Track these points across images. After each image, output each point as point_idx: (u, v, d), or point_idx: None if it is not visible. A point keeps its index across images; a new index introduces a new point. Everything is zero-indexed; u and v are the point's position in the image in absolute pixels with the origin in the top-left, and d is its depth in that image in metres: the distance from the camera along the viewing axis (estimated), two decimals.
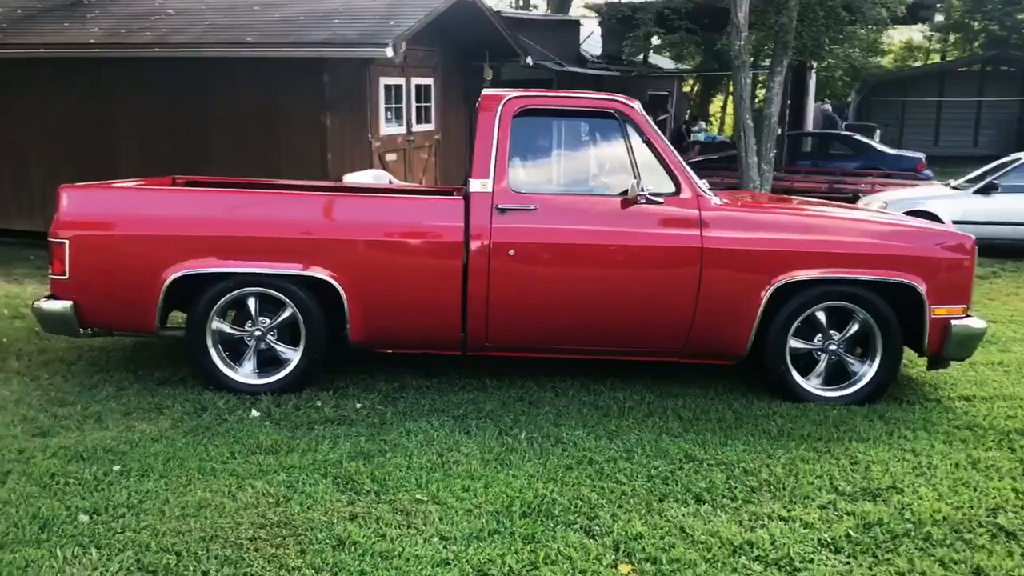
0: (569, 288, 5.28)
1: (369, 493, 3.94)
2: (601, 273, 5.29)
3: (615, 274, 5.29)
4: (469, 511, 3.79)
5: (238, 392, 5.29)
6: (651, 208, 5.27)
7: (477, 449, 4.48)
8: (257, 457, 4.31)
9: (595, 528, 3.69)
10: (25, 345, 6.30)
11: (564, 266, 5.29)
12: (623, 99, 5.49)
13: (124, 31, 11.25)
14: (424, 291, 5.27)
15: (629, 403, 5.31)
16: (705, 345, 5.41)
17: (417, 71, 12.22)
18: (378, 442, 4.56)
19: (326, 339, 5.35)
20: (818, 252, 5.27)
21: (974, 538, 3.71)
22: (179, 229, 5.24)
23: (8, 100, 11.42)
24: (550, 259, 5.28)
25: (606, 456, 4.45)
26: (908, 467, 4.42)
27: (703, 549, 3.54)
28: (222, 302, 5.31)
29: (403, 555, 3.39)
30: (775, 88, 13.19)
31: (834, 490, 4.14)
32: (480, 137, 5.34)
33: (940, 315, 5.34)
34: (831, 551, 3.58)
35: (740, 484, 4.17)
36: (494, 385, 5.58)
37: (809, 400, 5.38)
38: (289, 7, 11.49)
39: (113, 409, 4.99)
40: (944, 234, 5.53)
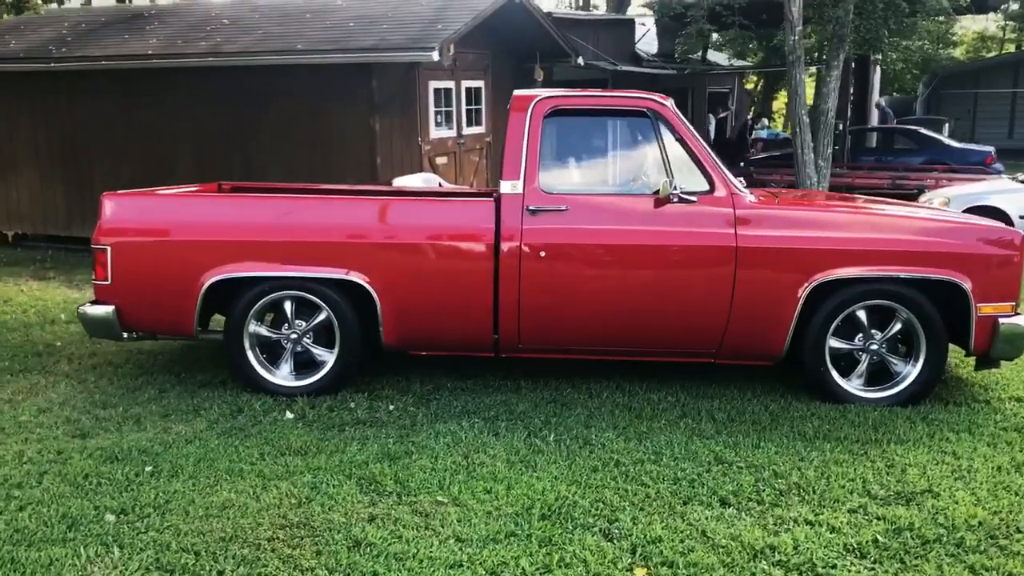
0: (601, 289, 5.24)
1: (391, 495, 3.96)
2: (633, 274, 5.24)
3: (648, 274, 5.23)
4: (488, 513, 3.78)
5: (275, 394, 5.37)
6: (684, 207, 5.20)
7: (503, 451, 4.47)
8: (285, 458, 4.37)
9: (614, 531, 3.65)
10: (77, 349, 6.48)
11: (596, 267, 5.25)
12: (656, 97, 5.43)
13: (181, 41, 11.52)
14: (456, 293, 5.28)
15: (663, 405, 5.25)
16: (741, 346, 5.32)
17: (467, 74, 12.26)
18: (406, 444, 4.58)
19: (360, 342, 5.40)
20: (857, 250, 5.15)
21: (1010, 544, 3.58)
22: (216, 234, 5.34)
23: (72, 110, 11.78)
24: (581, 260, 5.25)
25: (633, 458, 4.40)
26: (947, 470, 4.28)
27: (723, 553, 3.48)
28: (259, 306, 5.39)
29: (417, 556, 3.40)
30: (832, 83, 12.93)
31: (866, 494, 4.03)
32: (511, 138, 5.33)
33: (987, 313, 5.17)
34: (856, 556, 3.49)
35: (768, 487, 4.09)
36: (528, 387, 5.57)
37: (850, 401, 5.25)
38: (339, 14, 11.64)
39: (152, 411, 5.11)
40: (990, 229, 5.34)
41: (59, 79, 11.73)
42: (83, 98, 11.75)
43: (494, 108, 13.06)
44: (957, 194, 12.55)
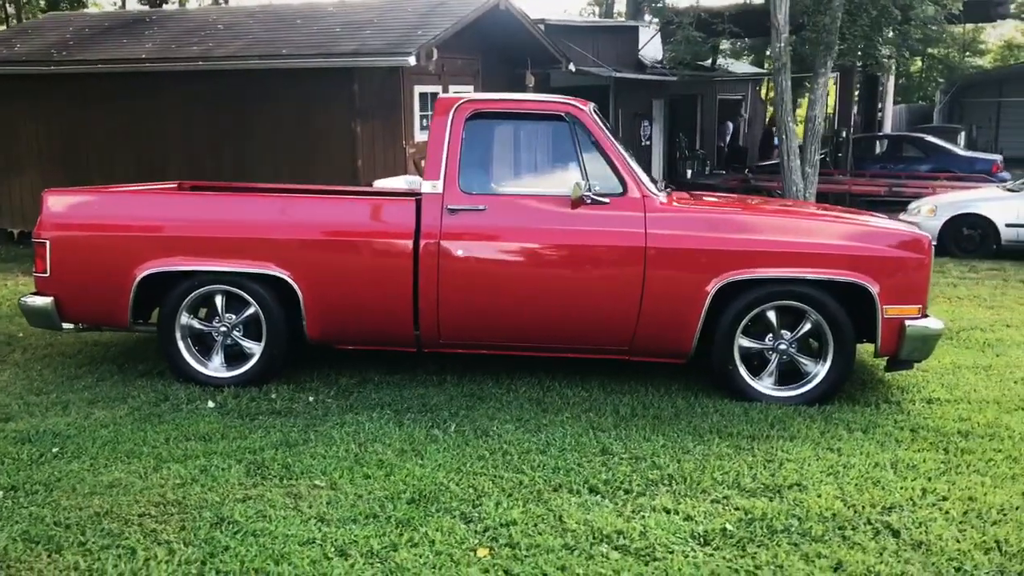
0: (516, 287, 5.41)
1: (273, 478, 4.16)
2: (547, 272, 5.40)
3: (561, 273, 5.39)
4: (359, 496, 3.96)
5: (206, 385, 5.59)
6: (597, 208, 5.35)
7: (400, 441, 4.65)
8: (189, 443, 4.58)
9: (474, 515, 3.81)
10: (36, 340, 6.76)
11: (511, 265, 5.42)
12: (574, 101, 5.59)
13: (175, 46, 11.85)
14: (377, 289, 5.47)
15: (574, 399, 5.40)
16: (652, 343, 5.46)
17: (456, 79, 12.47)
18: (309, 433, 4.77)
19: (286, 335, 5.60)
20: (763, 251, 5.26)
21: (853, 535, 3.69)
22: (149, 230, 5.57)
23: (72, 112, 12.14)
24: (497, 258, 5.42)
25: (522, 448, 4.56)
26: (824, 466, 4.39)
27: (569, 536, 3.63)
28: (190, 299, 5.61)
29: (274, 534, 3.58)
30: (819, 90, 12.97)
31: (735, 486, 4.16)
32: (433, 140, 5.51)
33: (893, 315, 5.26)
34: (699, 543, 3.62)
35: (642, 477, 4.22)
36: (451, 381, 5.74)
37: (759, 399, 5.37)
38: (328, 20, 11.91)
39: (83, 398, 5.35)
40: (899, 233, 5.43)
41: (59, 82, 12.11)
42: (82, 100, 12.11)
43: None
44: (944, 202, 12.56)
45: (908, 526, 3.76)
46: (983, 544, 3.61)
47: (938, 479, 4.25)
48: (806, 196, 12.92)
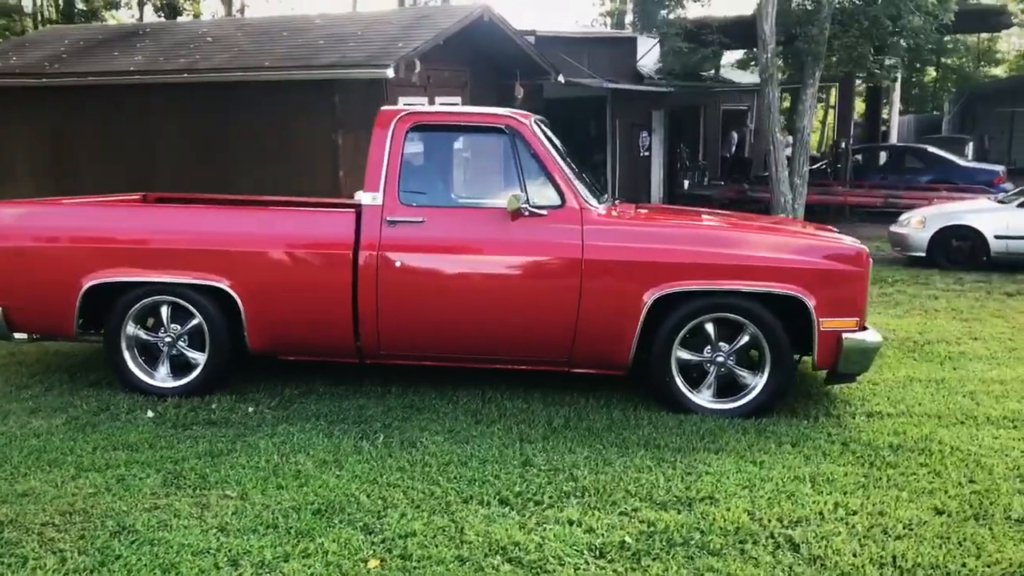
0: (454, 298, 5.43)
1: (187, 488, 4.20)
2: (485, 284, 5.42)
3: (498, 285, 5.41)
4: (266, 507, 3.99)
5: (152, 394, 5.65)
6: (534, 220, 5.37)
7: (324, 452, 4.68)
8: (115, 453, 4.63)
9: (376, 526, 3.83)
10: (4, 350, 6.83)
11: (449, 277, 5.45)
12: (514, 114, 5.62)
13: (163, 58, 11.99)
14: (317, 301, 5.51)
15: (512, 411, 5.41)
16: (590, 355, 5.46)
17: (442, 90, 12.52)
18: (237, 443, 4.81)
19: (229, 345, 5.64)
20: (698, 263, 5.26)
21: (752, 549, 3.68)
22: (96, 241, 5.64)
23: (64, 123, 12.30)
24: (435, 270, 5.45)
25: (444, 460, 4.57)
26: (742, 479, 4.38)
27: (465, 548, 3.64)
28: (135, 309, 5.67)
29: (171, 543, 3.62)
30: (807, 101, 12.96)
31: (647, 498, 4.15)
32: (373, 152, 5.55)
33: (830, 328, 5.24)
34: (594, 556, 3.62)
35: (556, 489, 4.23)
36: (396, 393, 5.76)
37: (696, 411, 5.36)
38: (313, 32, 12.02)
39: (25, 407, 5.42)
40: (835, 246, 5.42)
41: (52, 94, 12.28)
42: (73, 112, 12.27)
43: None
44: (933, 213, 12.49)
45: (809, 540, 3.75)
46: (879, 559, 3.59)
47: (853, 493, 4.23)
48: (795, 207, 12.89)
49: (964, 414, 5.48)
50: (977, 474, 4.50)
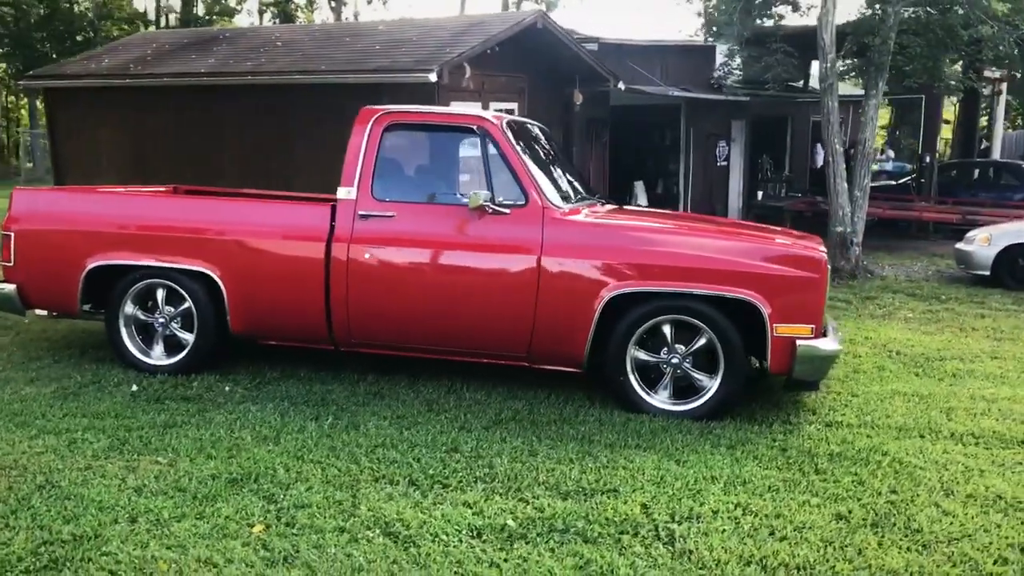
0: (418, 291, 5.64)
1: (126, 453, 4.53)
2: (447, 278, 5.61)
3: (460, 279, 5.60)
4: (187, 473, 4.27)
5: (145, 371, 6.04)
6: (497, 218, 5.53)
7: (268, 429, 4.95)
8: (80, 419, 5.02)
9: (279, 496, 4.06)
10: (36, 326, 7.39)
11: (414, 270, 5.66)
12: (486, 115, 5.79)
13: (232, 61, 12.61)
14: (293, 289, 5.80)
15: (469, 402, 5.59)
16: (548, 352, 5.58)
17: (497, 96, 12.74)
18: (195, 417, 5.13)
19: (215, 328, 5.99)
20: (652, 265, 5.32)
21: (627, 539, 3.75)
22: (99, 226, 6.08)
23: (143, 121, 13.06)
24: (401, 263, 5.67)
25: (376, 443, 4.78)
26: (656, 476, 4.43)
27: (352, 521, 3.83)
28: (133, 291, 6.08)
29: (84, 499, 3.93)
30: (870, 112, 12.63)
31: (554, 488, 4.26)
32: (351, 148, 5.82)
33: (784, 334, 5.22)
34: (471, 536, 3.75)
35: (469, 475, 4.38)
36: (370, 379, 6.01)
37: (650, 412, 5.41)
38: (372, 37, 12.43)
39: (26, 377, 5.89)
40: (792, 252, 5.40)
41: (133, 94, 13.07)
42: (151, 111, 13.03)
43: None
44: (1000, 231, 12.06)
45: (689, 536, 3.80)
46: (748, 557, 3.62)
47: (761, 496, 4.23)
48: (854, 220, 12.60)
49: (929, 428, 5.37)
50: (903, 485, 4.43)
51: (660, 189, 19.43)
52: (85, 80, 13.46)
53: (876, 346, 7.71)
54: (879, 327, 8.61)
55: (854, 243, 12.47)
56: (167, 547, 3.54)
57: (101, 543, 3.53)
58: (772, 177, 20.55)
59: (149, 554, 3.46)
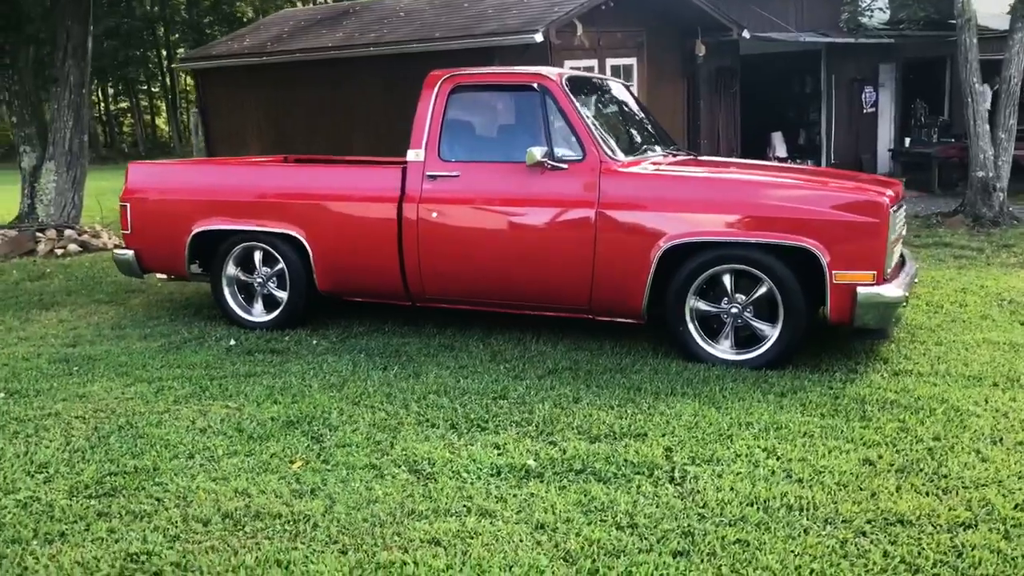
0: (483, 247, 5.86)
1: (204, 399, 4.98)
2: (509, 234, 5.80)
3: (520, 235, 5.77)
4: (250, 416, 4.67)
5: (245, 327, 6.57)
6: (556, 173, 5.66)
7: (337, 377, 5.31)
8: (174, 370, 5.53)
9: (325, 435, 4.40)
10: (162, 289, 8.11)
11: (477, 227, 5.88)
12: (546, 72, 5.90)
13: (358, 34, 13.15)
14: (370, 248, 6.14)
15: (532, 353, 5.78)
16: (607, 303, 5.68)
17: (615, 52, 12.74)
18: (275, 367, 5.56)
19: (305, 286, 6.41)
20: (706, 215, 5.32)
21: (639, 479, 3.85)
22: (201, 195, 6.62)
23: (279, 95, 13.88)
24: (466, 220, 5.90)
25: (431, 390, 5.04)
26: (690, 421, 4.49)
27: (384, 459, 4.10)
28: (233, 254, 6.60)
29: (154, 437, 4.37)
30: (1015, 47, 11.80)
31: (585, 432, 4.39)
32: (419, 113, 6.07)
33: (844, 281, 5.13)
34: (489, 474, 3.94)
35: (507, 419, 4.57)
36: (447, 333, 6.30)
37: (711, 361, 5.44)
38: (488, 2, 12.63)
39: (140, 333, 6.52)
40: (850, 195, 5.25)
41: (271, 70, 13.86)
42: (286, 84, 13.80)
43: (650, 84, 13.40)
44: None
45: (703, 477, 3.85)
46: (753, 498, 3.65)
47: (792, 442, 4.23)
48: (998, 164, 11.89)
49: (1007, 377, 5.15)
50: (950, 432, 4.31)
51: (803, 140, 18.81)
52: (229, 60, 14.35)
53: (990, 295, 7.35)
54: (1005, 275, 8.18)
55: (997, 188, 11.76)
56: (212, 479, 3.92)
57: (157, 475, 3.96)
58: (926, 123, 19.44)
59: (195, 484, 3.86)
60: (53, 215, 10.61)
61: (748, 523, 3.45)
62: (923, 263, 8.92)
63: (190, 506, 3.66)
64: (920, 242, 10.38)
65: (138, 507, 3.65)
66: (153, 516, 3.58)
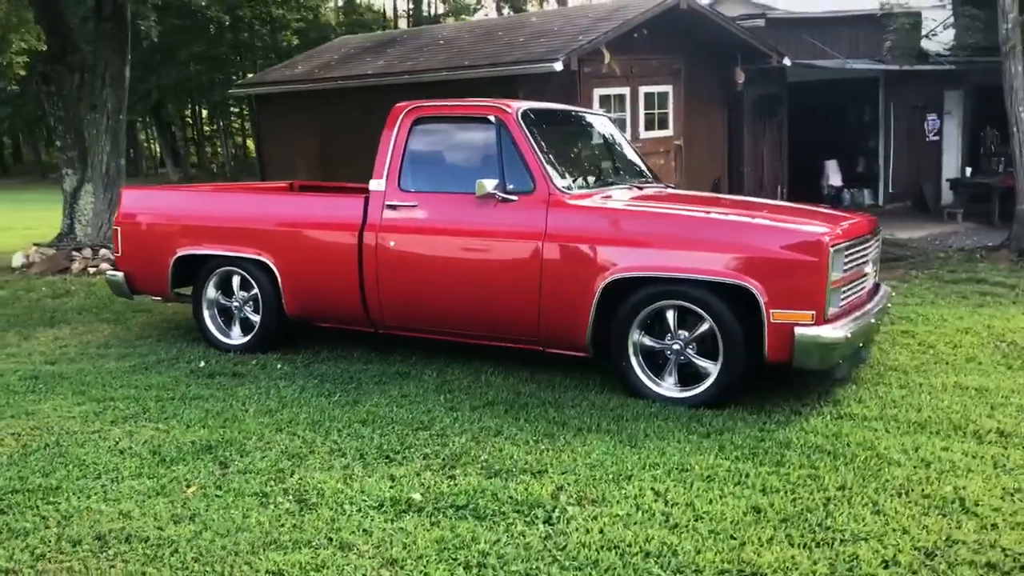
0: (437, 276, 5.91)
1: (140, 420, 5.14)
2: (461, 264, 5.84)
3: (473, 265, 5.81)
4: (173, 439, 4.79)
5: (222, 349, 6.76)
6: (506, 205, 5.69)
7: (279, 402, 5.42)
8: (128, 390, 5.72)
9: (233, 461, 4.49)
10: (162, 310, 8.37)
11: (432, 256, 5.93)
12: (502, 104, 5.93)
13: (398, 62, 13.39)
14: (333, 274, 6.26)
15: (481, 384, 5.79)
16: (555, 336, 5.66)
17: (649, 80, 12.67)
18: (224, 391, 5.70)
19: (276, 311, 6.56)
20: (643, 249, 5.27)
21: (514, 516, 3.82)
22: (183, 220, 6.86)
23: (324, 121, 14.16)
24: (421, 249, 5.97)
25: (358, 419, 5.09)
26: (597, 460, 4.43)
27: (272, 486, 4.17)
28: (212, 277, 6.81)
29: (71, 455, 4.53)
30: None
31: (488, 466, 4.37)
32: (382, 143, 6.18)
33: (781, 321, 5.01)
34: (372, 507, 3.95)
35: (419, 451, 4.59)
36: (409, 362, 6.36)
37: (650, 397, 5.37)
38: (521, 30, 12.75)
39: (120, 352, 6.77)
40: (789, 232, 5.12)
41: (317, 97, 14.20)
42: (331, 112, 14.10)
43: (688, 111, 13.27)
44: None
45: (577, 519, 3.80)
46: (615, 543, 3.59)
47: (680, 484, 4.13)
48: None
49: (955, 426, 4.93)
50: (859, 482, 4.16)
51: (861, 168, 18.33)
52: (280, 86, 14.76)
53: (992, 336, 7.04)
54: (1022, 316, 7.81)
55: None
56: (105, 500, 4.05)
57: (55, 494, 4.10)
58: (996, 152, 18.72)
59: (85, 505, 3.99)
60: (91, 235, 11.09)
61: (597, 568, 3.40)
62: (941, 300, 8.61)
63: (70, 526, 3.79)
64: (952, 277, 10.00)
65: (21, 525, 3.80)
66: (31, 534, 3.72)
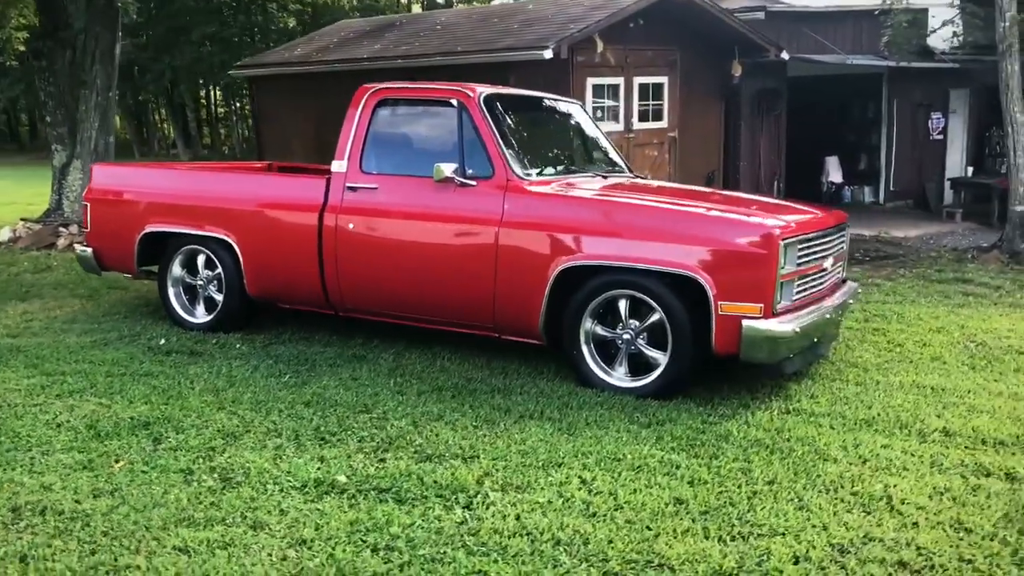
0: (394, 259, 5.88)
1: (85, 394, 5.13)
2: (418, 248, 5.81)
3: (430, 249, 5.77)
4: (113, 415, 4.79)
5: (186, 327, 6.75)
6: (465, 189, 5.64)
7: (227, 382, 5.41)
8: (84, 365, 5.72)
9: (168, 439, 4.48)
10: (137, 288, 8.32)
11: (389, 238, 5.90)
12: (466, 88, 5.88)
13: (392, 46, 13.34)
14: (293, 256, 6.23)
15: (434, 369, 5.77)
16: (509, 322, 5.63)
17: (644, 71, 12.56)
18: (176, 368, 5.70)
19: (239, 290, 6.54)
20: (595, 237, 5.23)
21: (434, 500, 3.80)
22: (149, 198, 6.85)
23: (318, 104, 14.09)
24: (379, 232, 5.93)
25: (300, 400, 5.07)
26: (530, 447, 4.41)
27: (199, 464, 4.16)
28: (177, 256, 6.80)
29: (5, 428, 4.55)
30: None
31: (419, 451, 4.36)
32: (345, 125, 6.15)
33: (729, 312, 4.96)
34: (293, 487, 3.94)
35: (355, 434, 4.57)
36: (369, 346, 6.33)
37: (600, 387, 5.33)
38: (516, 17, 12.67)
39: (84, 328, 6.77)
40: (739, 225, 5.06)
41: (313, 80, 14.17)
42: (326, 95, 14.00)
43: (683, 103, 13.16)
44: None
45: (497, 505, 3.77)
46: (530, 529, 3.56)
47: (607, 473, 4.10)
48: None
49: (900, 424, 4.87)
50: (789, 477, 4.12)
51: (863, 164, 18.18)
52: (278, 68, 14.74)
53: (964, 336, 6.96)
54: (999, 316, 7.73)
55: None
56: (31, 472, 4.05)
57: None
58: (1000, 152, 18.53)
59: (8, 477, 3.99)
60: (78, 211, 11.11)
61: (504, 554, 3.37)
62: (922, 299, 8.51)
63: None
64: (939, 276, 9.89)
65: None
66: None
